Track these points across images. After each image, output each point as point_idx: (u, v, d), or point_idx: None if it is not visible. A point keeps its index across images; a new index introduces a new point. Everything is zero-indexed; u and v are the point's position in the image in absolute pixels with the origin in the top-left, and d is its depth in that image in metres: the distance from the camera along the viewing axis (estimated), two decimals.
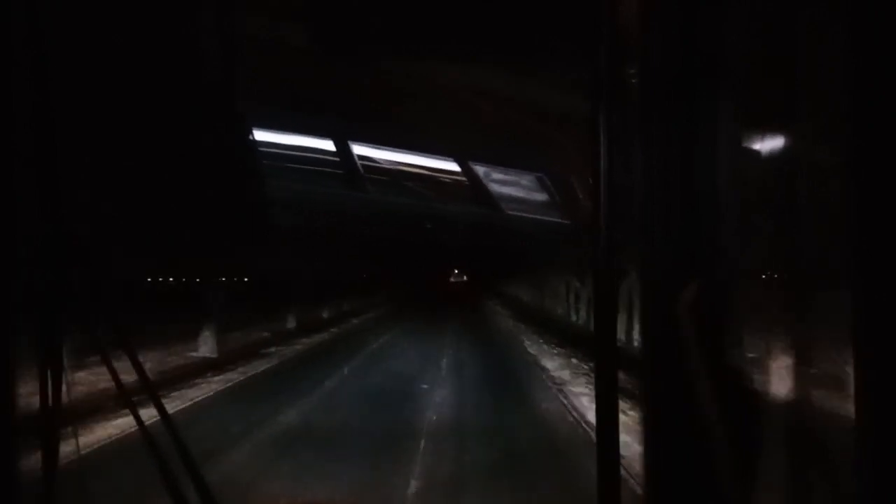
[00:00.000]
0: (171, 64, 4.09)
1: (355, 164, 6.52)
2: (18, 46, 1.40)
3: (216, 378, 12.26)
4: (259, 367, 14.17)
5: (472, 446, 7.52)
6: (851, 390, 0.99)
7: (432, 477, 6.39)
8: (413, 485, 6.14)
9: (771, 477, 1.28)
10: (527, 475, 6.45)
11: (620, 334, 1.51)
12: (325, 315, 26.82)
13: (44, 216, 1.43)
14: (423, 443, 7.54)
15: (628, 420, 1.56)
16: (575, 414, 9.14)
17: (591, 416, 8.37)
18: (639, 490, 1.37)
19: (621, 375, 1.36)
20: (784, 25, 1.38)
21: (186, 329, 15.02)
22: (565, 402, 10.19)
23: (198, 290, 16.23)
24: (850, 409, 0.99)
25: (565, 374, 13.09)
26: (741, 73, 1.39)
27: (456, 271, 63.41)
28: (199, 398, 10.42)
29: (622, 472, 1.36)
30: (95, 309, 1.57)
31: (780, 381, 1.35)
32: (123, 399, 1.55)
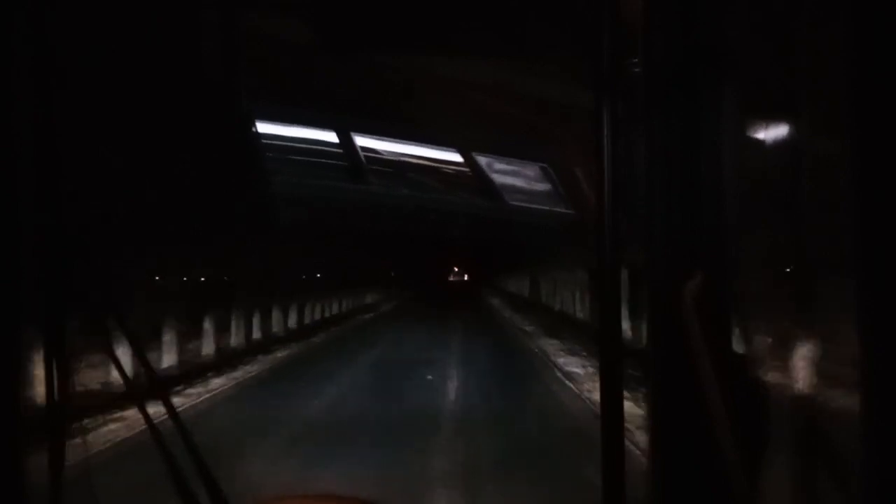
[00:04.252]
0: (174, 59, 4.08)
1: (358, 155, 6.51)
2: (20, 42, 1.40)
3: None
4: None
5: None
6: (859, 383, 0.98)
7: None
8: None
9: (778, 470, 1.28)
10: None
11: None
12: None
13: (46, 215, 1.43)
14: None
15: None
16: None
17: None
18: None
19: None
20: (788, 15, 1.37)
21: None
22: None
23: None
24: (858, 402, 0.99)
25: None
26: (745, 64, 1.38)
27: (456, 269, 63.25)
28: None
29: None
30: (101, 305, 1.58)
31: (786, 373, 1.35)
32: (131, 395, 1.55)
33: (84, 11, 2.51)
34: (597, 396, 1.44)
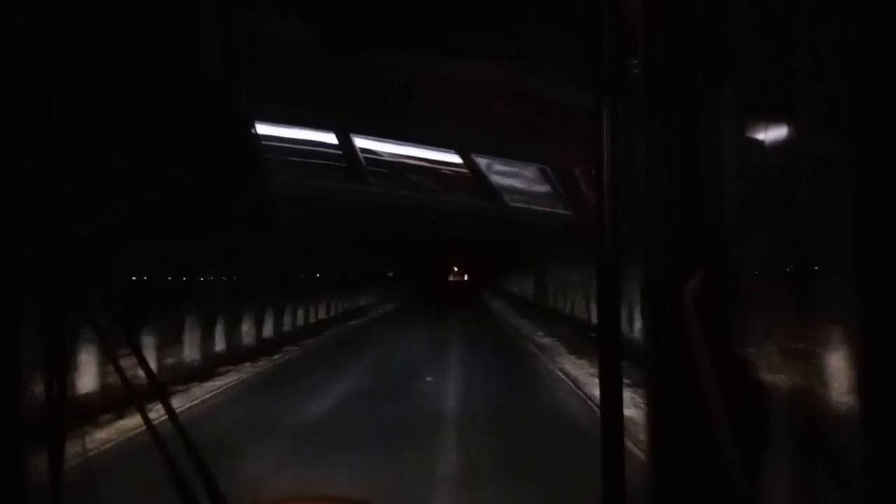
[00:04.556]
0: (174, 59, 4.09)
1: (358, 157, 6.51)
2: (20, 42, 1.40)
3: None
4: None
5: None
6: (859, 383, 0.98)
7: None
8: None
9: (778, 470, 1.28)
10: None
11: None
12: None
13: (46, 215, 1.43)
14: None
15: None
16: None
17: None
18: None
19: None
20: (788, 15, 1.37)
21: None
22: None
23: None
24: (857, 402, 0.99)
25: None
26: (745, 64, 1.38)
27: (455, 269, 63.34)
28: None
29: None
30: (100, 305, 1.58)
31: (786, 373, 1.35)
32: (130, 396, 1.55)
33: (84, 11, 2.51)
34: None
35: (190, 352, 15.40)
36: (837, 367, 1.25)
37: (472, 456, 7.87)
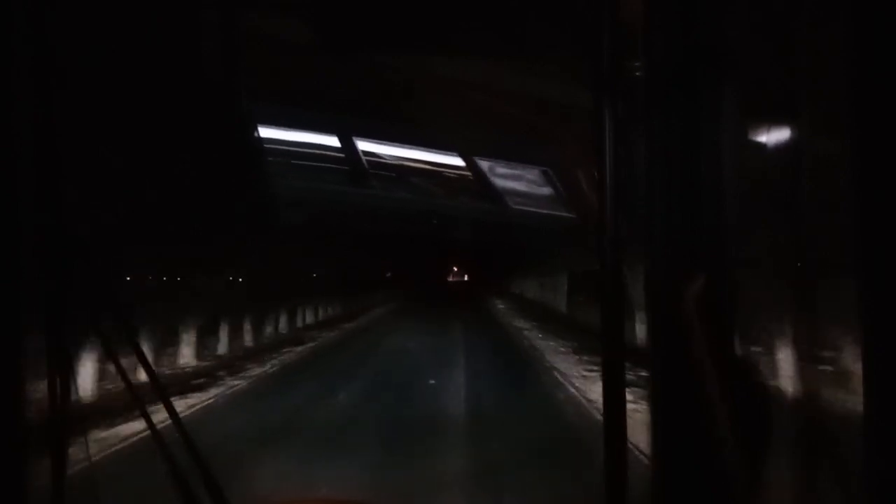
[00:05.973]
0: (174, 59, 4.09)
1: (360, 159, 6.52)
2: (20, 42, 1.40)
3: None
4: None
5: None
6: (859, 383, 0.98)
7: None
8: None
9: (778, 470, 1.28)
10: None
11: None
12: None
13: (46, 215, 1.43)
14: None
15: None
16: None
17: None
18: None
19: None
20: (788, 15, 1.37)
21: None
22: None
23: None
24: (858, 402, 0.99)
25: None
26: (745, 64, 1.38)
27: (455, 269, 63.19)
28: None
29: None
30: (102, 308, 1.57)
31: (787, 373, 1.35)
32: (133, 399, 1.54)
33: (84, 11, 2.51)
34: None
35: None
36: (838, 366, 1.25)
37: None
